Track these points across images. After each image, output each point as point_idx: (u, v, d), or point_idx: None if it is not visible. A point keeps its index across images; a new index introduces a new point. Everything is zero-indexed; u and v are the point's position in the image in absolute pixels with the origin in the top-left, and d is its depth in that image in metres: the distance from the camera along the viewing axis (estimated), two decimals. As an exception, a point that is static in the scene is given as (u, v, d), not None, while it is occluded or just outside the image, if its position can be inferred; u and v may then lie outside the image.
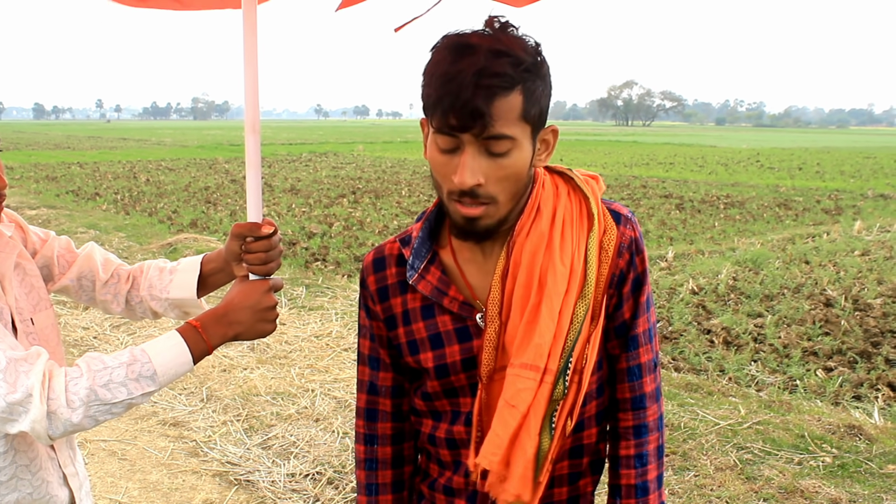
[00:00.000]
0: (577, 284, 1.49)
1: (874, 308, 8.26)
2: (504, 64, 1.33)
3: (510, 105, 1.34)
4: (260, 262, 1.72)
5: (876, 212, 17.00)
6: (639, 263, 1.57)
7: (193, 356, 1.62)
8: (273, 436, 5.02)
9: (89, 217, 15.02)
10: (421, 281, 1.59)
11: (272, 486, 4.40)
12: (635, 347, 1.61)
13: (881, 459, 4.67)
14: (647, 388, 1.63)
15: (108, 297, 1.97)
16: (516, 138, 1.38)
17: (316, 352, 6.67)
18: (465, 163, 1.38)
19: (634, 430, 1.63)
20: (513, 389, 1.47)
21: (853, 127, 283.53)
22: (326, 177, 25.09)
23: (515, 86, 1.34)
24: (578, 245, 1.51)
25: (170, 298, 1.93)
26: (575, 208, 1.54)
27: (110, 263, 1.99)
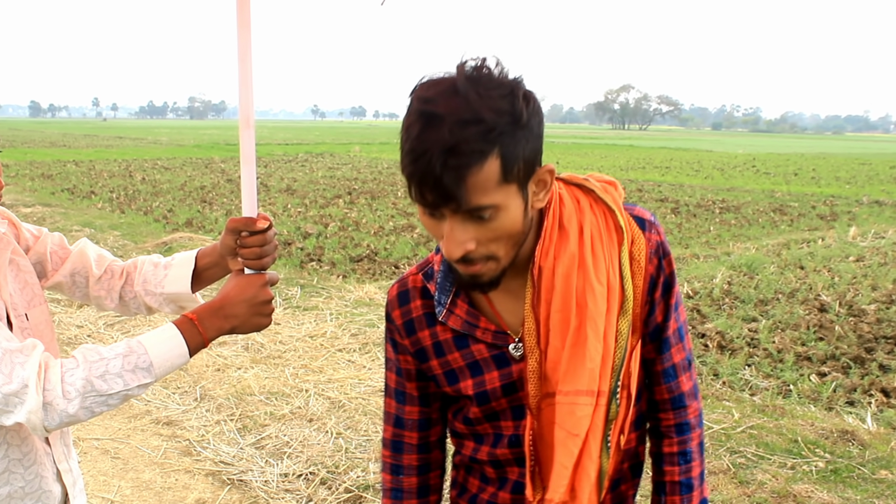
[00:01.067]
0: (616, 301, 1.47)
1: (868, 314, 8.27)
2: (472, 136, 1.24)
3: (485, 176, 1.27)
4: (255, 257, 1.71)
5: (871, 218, 17.04)
6: (666, 266, 1.55)
7: (189, 348, 1.62)
8: (266, 435, 5.02)
9: (84, 215, 15.00)
10: (450, 316, 1.57)
11: (265, 485, 4.39)
12: (668, 349, 1.60)
13: (874, 465, 4.67)
14: (684, 386, 1.63)
15: (101, 294, 1.96)
16: (499, 204, 1.31)
17: (310, 352, 6.66)
18: (449, 236, 1.35)
19: (677, 427, 1.64)
20: (573, 418, 1.46)
21: (849, 133, 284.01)
22: (322, 177, 25.08)
23: (488, 155, 1.26)
24: (611, 260, 1.48)
25: (164, 293, 1.92)
26: (601, 222, 1.50)
27: (103, 259, 1.98)
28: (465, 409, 1.65)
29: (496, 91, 1.28)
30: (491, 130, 1.25)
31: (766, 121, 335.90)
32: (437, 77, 1.32)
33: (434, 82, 1.31)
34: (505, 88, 1.29)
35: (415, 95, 1.31)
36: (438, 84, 1.30)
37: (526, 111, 1.30)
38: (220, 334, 1.67)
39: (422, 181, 1.28)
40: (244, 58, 1.65)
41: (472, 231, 1.34)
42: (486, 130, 1.25)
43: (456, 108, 1.25)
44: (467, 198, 1.28)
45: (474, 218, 1.33)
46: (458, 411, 1.68)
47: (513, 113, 1.28)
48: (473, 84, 1.27)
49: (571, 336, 1.45)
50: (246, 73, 1.66)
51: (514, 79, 1.31)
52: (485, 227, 1.34)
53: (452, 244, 1.35)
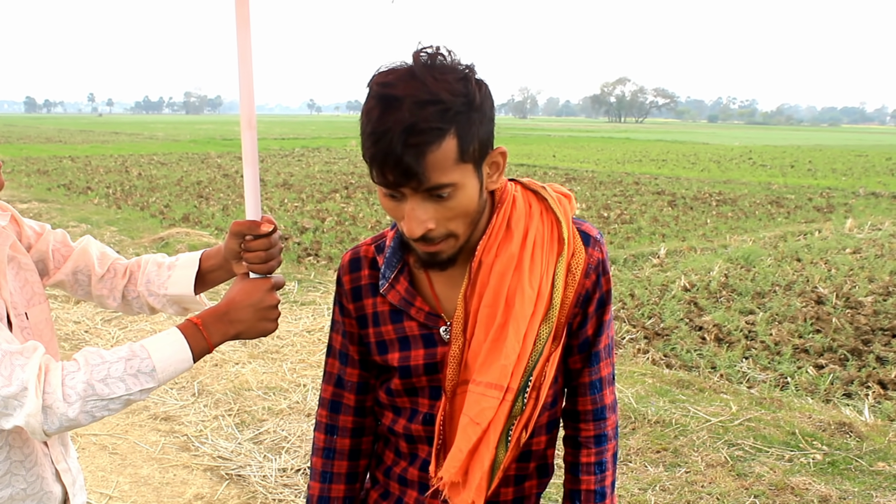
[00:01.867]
0: (542, 307, 1.53)
1: (865, 306, 8.29)
2: (430, 115, 1.32)
3: (444, 155, 1.34)
4: (260, 261, 1.70)
5: (867, 210, 17.06)
6: (604, 283, 1.62)
7: (193, 354, 1.61)
8: (265, 430, 5.02)
9: (81, 211, 14.98)
10: (391, 291, 1.64)
11: (263, 480, 4.40)
12: (597, 363, 1.67)
13: (871, 457, 4.68)
14: (606, 399, 1.70)
15: (104, 292, 1.95)
16: (457, 183, 1.38)
17: (308, 346, 6.67)
18: (410, 215, 1.41)
19: (595, 439, 1.70)
20: (477, 408, 1.53)
21: (845, 125, 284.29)
22: (319, 172, 25.07)
23: (446, 134, 1.33)
24: (547, 268, 1.54)
25: (168, 294, 1.91)
26: (546, 230, 1.56)
27: (106, 258, 1.97)
28: (390, 380, 1.71)
29: (451, 75, 1.36)
30: (448, 110, 1.33)
31: (762, 113, 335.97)
32: (394, 65, 1.39)
33: (391, 69, 1.38)
34: (459, 73, 1.37)
35: (373, 81, 1.38)
36: (396, 70, 1.37)
37: (479, 94, 1.39)
38: (226, 339, 1.67)
39: (383, 161, 1.34)
40: (244, 59, 1.64)
41: (432, 210, 1.41)
42: (443, 110, 1.33)
43: (414, 90, 1.33)
44: (427, 175, 1.34)
45: (433, 197, 1.39)
46: (384, 382, 1.74)
47: (467, 95, 1.36)
48: (429, 69, 1.36)
49: (495, 332, 1.53)
50: (247, 74, 1.65)
51: (466, 65, 1.40)
52: (443, 206, 1.40)
53: (414, 223, 1.41)
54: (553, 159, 32.85)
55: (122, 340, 6.76)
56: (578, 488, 1.71)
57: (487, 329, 1.53)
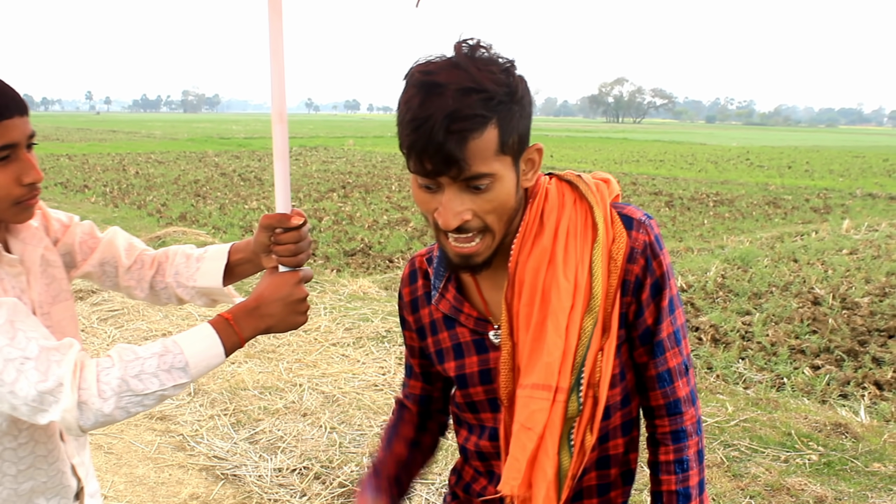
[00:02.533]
0: (582, 298, 1.46)
1: (861, 307, 8.29)
2: (474, 103, 1.30)
3: (485, 144, 1.32)
4: (290, 254, 1.69)
5: (864, 211, 17.07)
6: (656, 267, 1.52)
7: (226, 348, 1.61)
8: (260, 430, 5.01)
9: (78, 209, 14.96)
10: (441, 300, 1.64)
11: (259, 480, 4.39)
12: (662, 353, 1.57)
13: (867, 457, 4.68)
14: (680, 392, 1.60)
15: (131, 283, 1.96)
16: (496, 174, 1.36)
17: (304, 346, 6.66)
18: (447, 205, 1.38)
19: (672, 435, 1.61)
20: (526, 411, 1.47)
21: (843, 126, 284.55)
22: (316, 171, 25.05)
23: (488, 122, 1.31)
24: (582, 257, 1.47)
25: (197, 287, 1.92)
26: (580, 219, 1.50)
27: (134, 249, 1.98)
28: (454, 393, 1.71)
29: (494, 66, 1.34)
30: (491, 99, 1.31)
31: (759, 114, 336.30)
32: (435, 57, 1.37)
33: (433, 60, 1.36)
34: (501, 65, 1.35)
35: (414, 70, 1.36)
36: (437, 61, 1.35)
37: (520, 87, 1.37)
38: (257, 334, 1.67)
39: (424, 149, 1.31)
40: (276, 52, 1.63)
41: (469, 202, 1.37)
42: (487, 98, 1.31)
43: (458, 78, 1.31)
44: (468, 163, 1.31)
45: (471, 189, 1.36)
46: (453, 395, 1.74)
47: (509, 86, 1.34)
48: (472, 60, 1.33)
49: (534, 330, 1.47)
50: (278, 67, 1.64)
51: (508, 59, 1.37)
52: (481, 197, 1.37)
53: (449, 214, 1.38)
54: (551, 159, 32.84)
55: (118, 339, 6.76)
56: (660, 489, 1.62)
57: (528, 329, 1.49)
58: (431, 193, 1.40)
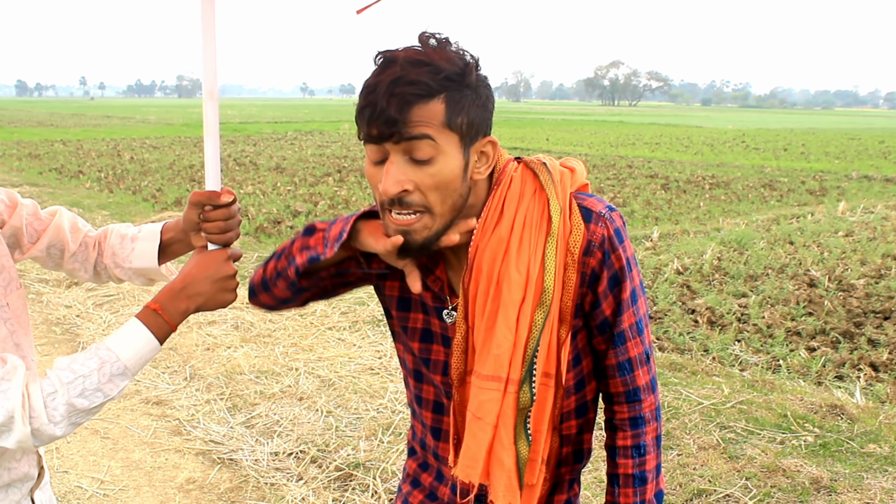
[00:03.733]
0: (534, 292, 1.46)
1: (857, 288, 8.30)
2: (421, 73, 1.34)
3: (429, 112, 1.35)
4: (218, 231, 1.68)
5: (860, 193, 17.08)
6: (615, 261, 1.52)
7: (158, 338, 1.60)
8: (256, 414, 5.01)
9: (72, 195, 14.92)
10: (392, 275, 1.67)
11: (255, 464, 4.39)
12: (622, 343, 1.58)
13: (862, 438, 4.69)
14: (640, 380, 1.61)
15: (75, 266, 1.94)
16: (438, 143, 1.37)
17: (300, 330, 6.65)
18: (388, 171, 1.39)
19: (631, 421, 1.63)
20: (477, 401, 1.50)
21: (838, 108, 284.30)
22: (312, 155, 25.00)
23: (435, 94, 1.35)
24: (535, 250, 1.47)
25: (132, 268, 1.91)
26: (537, 209, 1.50)
27: (78, 231, 1.95)
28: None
29: (450, 50, 1.40)
30: (439, 72, 1.35)
31: (755, 96, 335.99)
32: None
33: (397, 47, 1.42)
34: (458, 52, 1.41)
35: (376, 55, 1.41)
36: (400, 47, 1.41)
37: (474, 75, 1.41)
38: (187, 315, 1.65)
39: (371, 113, 1.35)
40: (208, 30, 1.61)
41: (411, 173, 1.39)
42: (435, 71, 1.35)
43: (411, 53, 1.38)
44: (408, 125, 1.35)
45: (414, 162, 1.38)
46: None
47: (463, 70, 1.39)
48: (429, 43, 1.40)
49: (486, 321, 1.49)
50: (210, 43, 1.62)
51: (470, 53, 1.42)
52: (423, 171, 1.39)
53: (390, 180, 1.39)
54: (546, 143, 32.80)
55: (114, 325, 6.74)
56: (616, 472, 1.65)
57: (481, 318, 1.50)
58: (379, 167, 1.42)
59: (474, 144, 1.44)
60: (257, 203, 14.05)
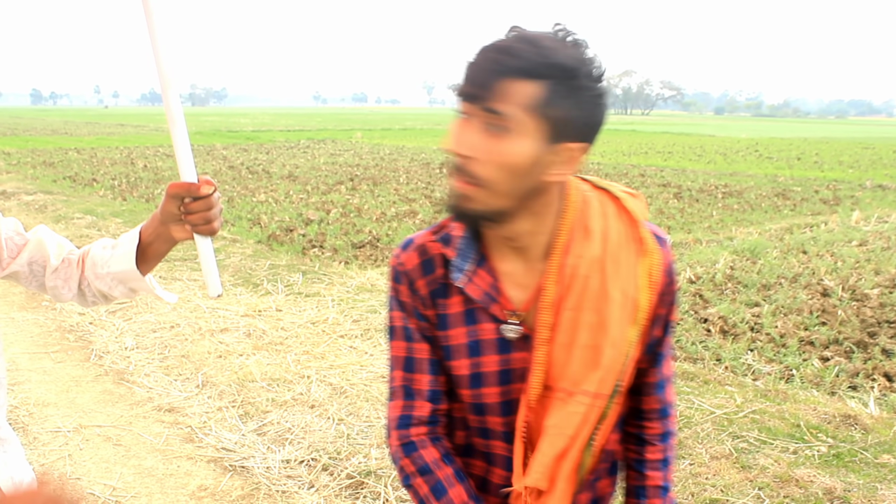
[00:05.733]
0: (630, 311, 1.50)
1: (871, 298, 8.26)
2: (531, 52, 1.30)
3: (520, 90, 1.30)
4: (203, 222, 1.65)
5: (874, 202, 17.00)
6: (673, 285, 1.60)
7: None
8: (268, 422, 5.01)
9: (86, 203, 14.99)
10: (469, 284, 1.54)
11: (267, 472, 4.39)
12: (662, 362, 1.68)
13: (876, 449, 4.67)
14: (670, 397, 1.72)
15: (58, 284, 1.87)
16: (517, 121, 1.31)
17: (312, 338, 6.66)
18: (459, 130, 1.38)
19: (661, 436, 1.72)
20: (562, 414, 1.50)
21: (852, 117, 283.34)
22: (324, 163, 25.05)
23: (534, 76, 1.29)
24: (631, 269, 1.50)
25: (111, 272, 1.83)
26: (624, 231, 1.52)
27: (62, 249, 1.90)
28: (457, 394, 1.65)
29: (576, 49, 1.34)
30: (549, 58, 1.30)
31: (768, 105, 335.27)
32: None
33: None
34: (584, 55, 1.35)
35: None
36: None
37: (591, 81, 1.34)
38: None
39: (469, 72, 1.35)
40: (152, 14, 1.54)
41: (479, 139, 1.35)
42: (545, 55, 1.30)
43: (537, 34, 1.34)
44: (498, 95, 1.32)
45: (487, 127, 1.34)
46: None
47: (577, 67, 1.32)
48: (560, 36, 1.36)
49: (585, 338, 1.48)
50: (159, 31, 1.55)
51: (598, 62, 1.37)
52: (492, 144, 1.34)
53: (458, 140, 1.38)
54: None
55: (127, 332, 6.77)
56: (644, 484, 1.72)
57: (571, 334, 1.48)
58: (459, 130, 1.39)
59: (561, 143, 1.36)
60: (270, 211, 14.08)
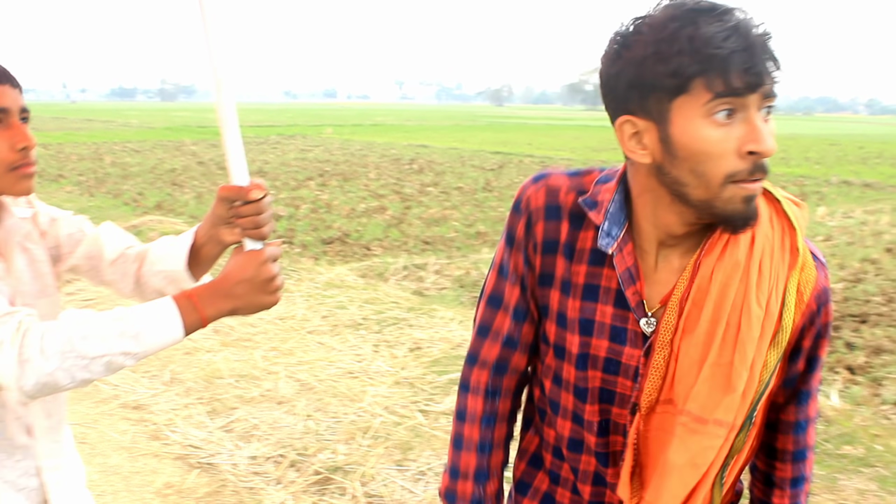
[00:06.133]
0: (771, 329, 1.30)
1: (835, 292, 8.36)
2: (760, 22, 1.18)
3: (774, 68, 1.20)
4: (253, 227, 1.61)
5: (839, 198, 17.19)
6: (824, 315, 1.38)
7: (185, 325, 1.52)
8: (236, 419, 5.00)
9: (52, 199, 14.82)
10: (618, 254, 1.36)
11: (234, 469, 4.38)
12: (806, 401, 1.47)
13: (838, 440, 4.73)
14: (810, 440, 1.51)
15: (116, 278, 1.90)
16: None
17: (280, 334, 6.64)
18: (760, 125, 1.19)
19: (792, 481, 1.53)
20: (697, 447, 1.32)
21: (819, 114, 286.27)
22: (294, 159, 24.93)
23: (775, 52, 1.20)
24: (777, 283, 1.31)
25: (163, 271, 1.84)
26: (777, 237, 1.33)
27: (120, 243, 1.93)
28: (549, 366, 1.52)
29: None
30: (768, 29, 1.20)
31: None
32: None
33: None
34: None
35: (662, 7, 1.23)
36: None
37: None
38: (222, 315, 1.57)
39: (747, 59, 1.14)
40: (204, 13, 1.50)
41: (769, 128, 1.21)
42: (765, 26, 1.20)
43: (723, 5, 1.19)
44: (770, 76, 1.18)
45: (765, 115, 1.22)
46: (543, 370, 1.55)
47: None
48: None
49: (715, 355, 1.30)
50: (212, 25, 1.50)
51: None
52: (769, 126, 1.23)
53: (769, 136, 1.20)
54: (529, 147, 32.86)
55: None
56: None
57: (702, 347, 1.30)
58: (726, 129, 1.19)
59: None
60: (239, 207, 13.98)
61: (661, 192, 1.30)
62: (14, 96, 1.68)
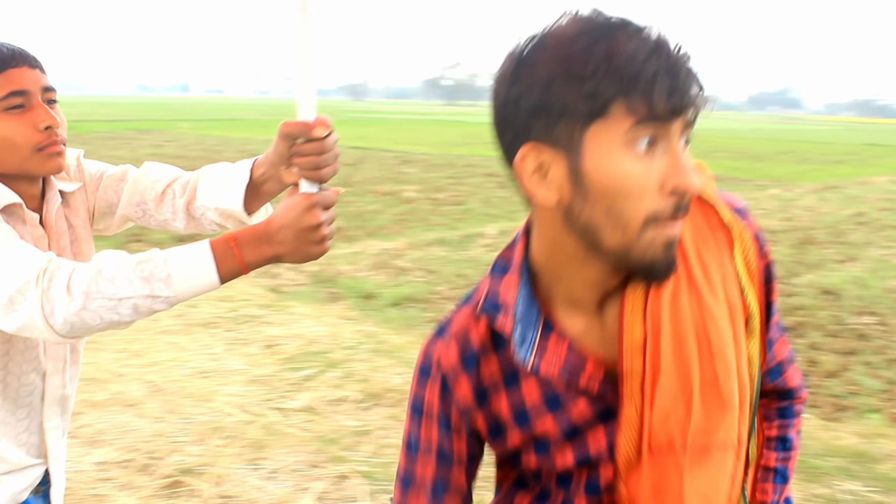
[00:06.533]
0: (741, 321, 1.15)
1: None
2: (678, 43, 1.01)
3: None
4: (312, 168, 1.49)
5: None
6: (766, 255, 1.22)
7: (220, 272, 1.44)
8: (83, 424, 4.83)
9: None
10: (541, 361, 1.14)
11: (79, 475, 4.24)
12: (771, 347, 1.30)
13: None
14: (791, 381, 1.37)
15: (167, 216, 1.86)
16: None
17: (129, 335, 6.44)
18: (684, 161, 1.02)
19: (779, 411, 1.39)
20: (711, 480, 1.12)
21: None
22: (147, 155, 24.20)
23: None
24: (724, 271, 1.15)
25: (219, 209, 1.76)
26: (700, 220, 1.17)
27: (164, 177, 1.86)
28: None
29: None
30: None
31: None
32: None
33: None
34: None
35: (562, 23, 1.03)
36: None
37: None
38: (264, 262, 1.48)
39: (671, 81, 0.97)
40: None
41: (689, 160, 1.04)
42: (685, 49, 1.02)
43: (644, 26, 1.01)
44: (695, 101, 1.01)
45: (685, 144, 1.05)
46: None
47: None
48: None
49: (697, 379, 1.10)
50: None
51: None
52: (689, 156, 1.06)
53: (693, 171, 1.03)
54: (388, 142, 32.92)
55: None
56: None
57: (676, 377, 1.10)
58: (647, 162, 1.01)
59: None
60: (87, 205, 13.51)
61: (572, 245, 1.10)
62: (34, 77, 1.65)
